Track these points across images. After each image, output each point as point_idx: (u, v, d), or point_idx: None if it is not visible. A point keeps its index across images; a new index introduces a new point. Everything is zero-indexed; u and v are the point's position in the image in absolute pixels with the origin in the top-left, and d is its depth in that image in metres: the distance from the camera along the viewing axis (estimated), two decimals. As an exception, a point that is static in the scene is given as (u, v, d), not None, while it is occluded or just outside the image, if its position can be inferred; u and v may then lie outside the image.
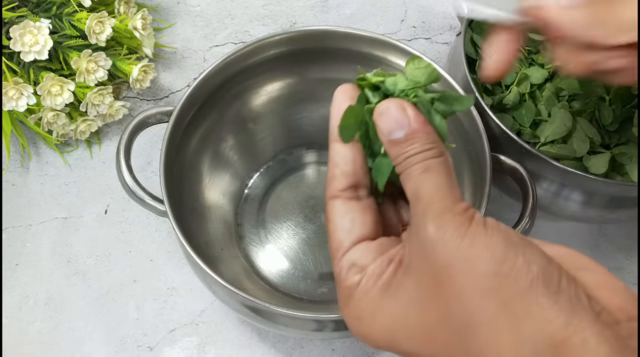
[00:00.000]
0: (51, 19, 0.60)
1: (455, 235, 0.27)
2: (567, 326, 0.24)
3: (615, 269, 0.60)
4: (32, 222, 0.62)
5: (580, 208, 0.54)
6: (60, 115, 0.60)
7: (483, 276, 0.26)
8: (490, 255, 0.26)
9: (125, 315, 0.58)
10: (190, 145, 0.54)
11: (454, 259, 0.26)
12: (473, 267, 0.26)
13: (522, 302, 0.25)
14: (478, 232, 0.27)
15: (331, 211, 0.32)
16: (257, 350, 0.57)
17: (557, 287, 0.25)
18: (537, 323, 0.24)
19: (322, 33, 0.55)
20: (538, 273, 0.25)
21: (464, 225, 0.27)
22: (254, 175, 0.62)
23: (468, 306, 0.26)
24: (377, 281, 0.29)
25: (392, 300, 0.29)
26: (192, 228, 0.50)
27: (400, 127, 0.30)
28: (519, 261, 0.26)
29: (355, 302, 0.30)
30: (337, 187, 0.31)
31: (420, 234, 0.28)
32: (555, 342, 0.24)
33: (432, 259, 0.27)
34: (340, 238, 0.31)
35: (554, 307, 0.24)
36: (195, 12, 0.73)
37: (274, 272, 0.58)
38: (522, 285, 0.25)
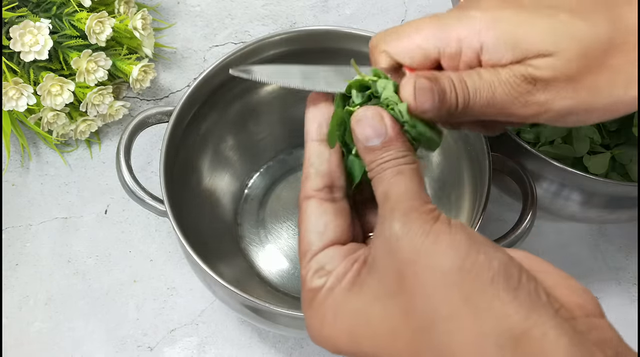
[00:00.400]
0: (51, 19, 0.60)
1: (420, 232, 0.27)
2: (526, 320, 0.25)
3: (615, 269, 0.60)
4: (32, 222, 0.62)
5: (580, 208, 0.54)
6: (60, 115, 0.60)
7: (446, 271, 0.26)
8: (454, 251, 0.26)
9: (125, 315, 0.58)
10: (190, 145, 0.54)
11: (418, 254, 0.27)
12: (437, 262, 0.26)
13: (483, 296, 0.25)
14: (442, 230, 0.27)
15: (305, 211, 0.32)
16: (257, 350, 0.57)
17: (517, 283, 0.26)
18: (498, 317, 0.25)
19: (322, 33, 0.55)
20: (499, 269, 0.26)
21: (429, 223, 0.28)
22: (254, 175, 0.62)
23: (431, 300, 0.26)
24: (341, 281, 0.29)
25: (356, 299, 0.29)
26: (192, 228, 0.50)
27: (377, 135, 0.30)
28: (481, 257, 0.26)
29: (318, 304, 0.30)
30: (312, 186, 0.32)
31: (386, 232, 0.28)
32: (515, 336, 0.25)
33: (397, 255, 0.27)
34: (311, 240, 0.31)
35: (514, 301, 0.25)
36: (195, 12, 0.73)
37: (274, 272, 0.58)
38: (483, 280, 0.26)
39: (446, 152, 0.57)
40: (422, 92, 0.31)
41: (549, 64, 0.31)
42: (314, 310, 0.30)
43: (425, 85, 0.31)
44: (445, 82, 0.32)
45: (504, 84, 0.32)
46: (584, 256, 0.61)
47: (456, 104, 0.32)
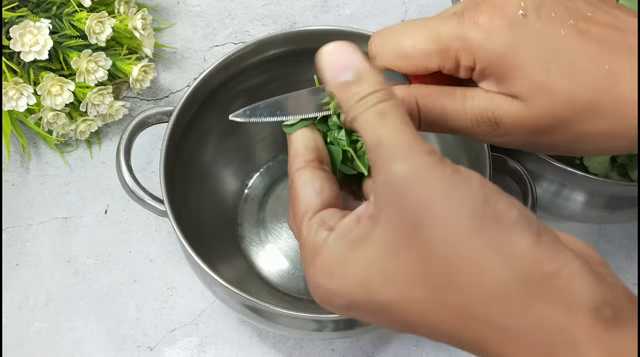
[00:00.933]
0: (51, 19, 0.60)
1: (430, 176, 0.26)
2: (554, 260, 0.25)
3: (615, 269, 0.60)
4: (32, 222, 0.62)
5: (580, 208, 0.54)
6: (60, 115, 0.60)
7: (467, 216, 0.26)
8: (472, 197, 0.26)
9: (125, 315, 0.58)
10: (190, 145, 0.54)
11: (433, 199, 0.26)
12: (454, 208, 0.26)
13: (508, 240, 0.26)
14: (454, 175, 0.27)
15: (298, 180, 0.31)
16: (257, 350, 0.57)
17: (538, 228, 0.26)
18: (525, 259, 0.25)
19: (322, 33, 0.54)
20: (519, 216, 0.26)
21: (438, 166, 0.27)
22: (254, 175, 0.62)
23: (452, 246, 0.26)
24: (347, 235, 0.28)
25: (366, 250, 0.28)
26: (192, 228, 0.50)
27: (348, 67, 0.29)
28: (500, 203, 0.26)
29: (324, 259, 0.29)
30: (303, 159, 0.32)
31: (393, 179, 0.27)
32: (545, 275, 0.25)
33: (408, 202, 0.26)
34: (309, 201, 0.30)
35: (540, 245, 0.26)
36: (195, 12, 0.73)
37: (274, 272, 0.58)
38: (506, 225, 0.26)
39: (446, 152, 0.57)
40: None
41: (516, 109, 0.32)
42: (318, 267, 0.29)
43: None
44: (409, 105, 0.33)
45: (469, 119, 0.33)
46: (584, 256, 0.61)
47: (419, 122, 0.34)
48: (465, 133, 0.34)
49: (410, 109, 0.33)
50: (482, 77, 0.33)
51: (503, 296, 0.25)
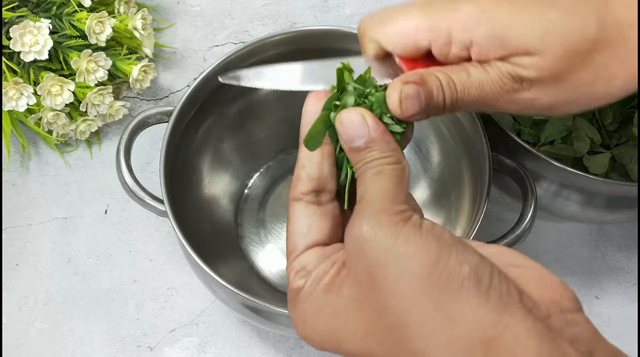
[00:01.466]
0: (51, 19, 0.60)
1: (389, 234, 0.27)
2: (498, 323, 0.25)
3: (615, 269, 0.60)
4: (32, 222, 0.62)
5: (580, 208, 0.54)
6: (60, 115, 0.60)
7: (416, 276, 0.26)
8: (424, 256, 0.26)
9: (125, 315, 0.58)
10: (190, 145, 0.54)
11: (387, 257, 0.27)
12: (407, 266, 0.26)
13: (454, 302, 0.25)
14: (412, 233, 0.27)
15: (292, 212, 0.32)
16: (257, 350, 0.57)
17: (489, 285, 0.26)
18: (468, 322, 0.25)
19: (322, 33, 0.55)
20: (469, 273, 0.26)
21: (398, 225, 0.27)
22: (254, 175, 0.62)
23: (402, 304, 0.26)
24: (320, 282, 0.30)
25: (334, 300, 0.29)
26: (192, 228, 0.50)
27: (360, 136, 0.31)
28: (451, 261, 0.26)
29: (300, 305, 0.30)
30: (300, 189, 0.32)
31: (355, 232, 0.28)
32: (486, 340, 0.25)
33: (366, 256, 0.27)
34: (296, 241, 0.31)
35: (485, 305, 0.25)
36: (195, 12, 0.73)
37: (274, 272, 0.58)
38: (454, 285, 0.26)
39: (446, 152, 0.57)
40: (408, 100, 0.32)
41: (534, 63, 0.32)
42: (296, 311, 0.31)
43: (412, 93, 0.32)
44: (433, 84, 0.32)
45: (492, 82, 0.33)
46: (584, 256, 0.61)
47: (443, 104, 0.33)
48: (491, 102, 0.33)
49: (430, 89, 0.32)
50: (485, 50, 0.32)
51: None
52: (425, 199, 0.59)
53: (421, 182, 0.60)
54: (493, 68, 0.33)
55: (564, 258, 0.60)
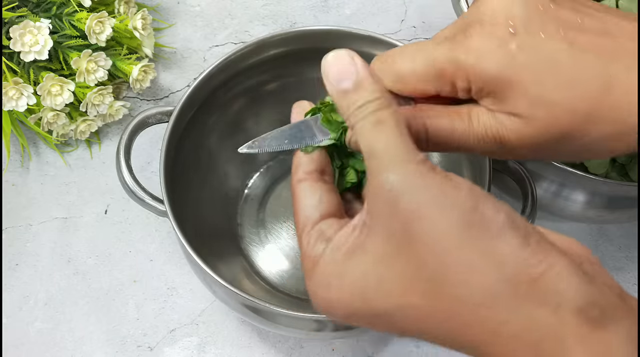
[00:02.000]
0: (51, 19, 0.60)
1: (420, 184, 0.27)
2: (540, 262, 0.26)
3: (615, 269, 0.60)
4: (32, 222, 0.62)
5: (580, 208, 0.54)
6: (60, 115, 0.60)
7: (455, 223, 0.27)
8: (460, 204, 0.27)
9: (125, 315, 0.58)
10: (190, 145, 0.54)
11: (423, 207, 0.27)
12: (445, 216, 0.27)
13: (496, 246, 0.26)
14: (444, 182, 0.27)
15: (299, 193, 0.32)
16: (257, 350, 0.57)
17: (525, 231, 0.27)
18: (512, 262, 0.26)
19: (322, 33, 0.55)
20: (506, 219, 0.27)
21: (428, 174, 0.27)
22: (254, 175, 0.62)
23: (443, 254, 0.27)
24: (343, 246, 0.29)
25: (361, 260, 0.29)
26: (192, 228, 0.50)
27: (349, 76, 0.30)
28: (488, 208, 0.27)
29: (322, 269, 0.30)
30: (304, 170, 0.32)
31: (384, 188, 0.28)
32: (532, 277, 0.26)
33: (399, 211, 0.27)
34: (308, 213, 0.31)
35: (526, 248, 0.26)
36: (195, 12, 0.73)
37: (274, 272, 0.58)
38: (494, 230, 0.26)
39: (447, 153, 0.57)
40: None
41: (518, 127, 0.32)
42: (317, 277, 0.30)
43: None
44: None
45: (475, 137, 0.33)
46: (584, 256, 0.61)
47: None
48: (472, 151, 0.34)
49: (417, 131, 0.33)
50: (481, 96, 0.33)
51: (492, 300, 0.26)
52: (425, 199, 0.59)
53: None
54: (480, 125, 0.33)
55: (564, 258, 0.60)
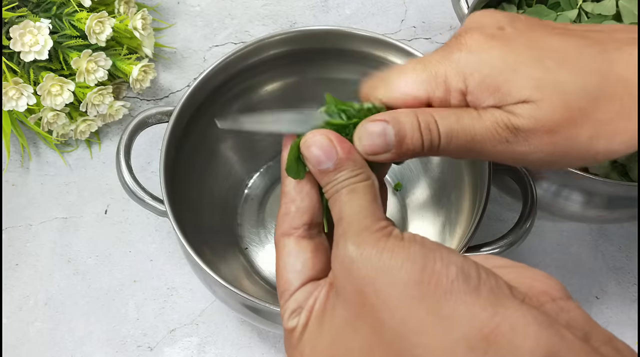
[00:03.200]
0: (51, 19, 0.60)
1: (374, 251, 0.27)
2: (493, 316, 0.25)
3: (615, 269, 0.60)
4: (32, 222, 0.62)
5: (580, 208, 0.54)
6: (60, 115, 0.60)
7: (406, 285, 0.26)
8: (411, 264, 0.26)
9: (125, 315, 0.58)
10: (190, 145, 0.54)
11: (376, 273, 0.27)
12: (396, 278, 0.26)
13: (447, 303, 0.25)
14: (396, 245, 0.27)
15: (282, 249, 0.32)
16: (257, 350, 0.57)
17: (477, 281, 0.26)
18: (465, 320, 0.25)
19: (322, 33, 0.55)
20: (457, 273, 0.26)
21: (382, 240, 0.28)
22: (254, 175, 0.62)
23: (397, 316, 0.26)
24: (312, 313, 0.29)
25: (329, 326, 0.29)
26: (192, 228, 0.50)
27: (329, 158, 0.31)
28: (437, 264, 0.26)
29: (296, 343, 0.30)
30: (291, 224, 0.32)
31: (340, 254, 0.28)
32: (485, 334, 0.25)
33: (355, 276, 0.27)
34: (289, 279, 0.31)
35: (478, 301, 0.25)
36: (195, 12, 0.73)
37: (274, 272, 0.58)
38: (444, 287, 0.26)
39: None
40: (369, 137, 0.31)
41: (530, 112, 0.31)
42: (293, 349, 0.30)
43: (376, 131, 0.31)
44: (407, 124, 0.32)
45: (485, 129, 0.32)
46: (584, 256, 0.61)
47: (422, 146, 0.32)
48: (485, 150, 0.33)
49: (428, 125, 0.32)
50: (479, 96, 0.32)
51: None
52: (425, 199, 0.59)
53: (421, 182, 0.60)
54: (487, 114, 0.32)
55: (563, 258, 0.60)
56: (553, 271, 0.60)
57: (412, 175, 0.60)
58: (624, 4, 0.57)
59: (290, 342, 0.30)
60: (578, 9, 0.59)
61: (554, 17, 0.58)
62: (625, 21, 0.57)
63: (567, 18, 0.58)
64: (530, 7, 0.60)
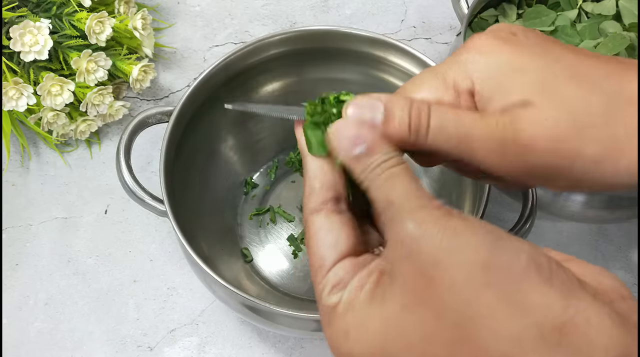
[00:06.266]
0: (51, 19, 0.60)
1: (437, 228, 0.26)
2: (567, 308, 0.24)
3: (615, 269, 0.60)
4: (32, 222, 0.62)
5: (580, 208, 0.54)
6: (60, 115, 0.60)
7: (474, 266, 0.25)
8: (478, 244, 0.26)
9: (125, 315, 0.58)
10: (190, 145, 0.54)
11: (440, 251, 0.26)
12: (462, 258, 0.26)
13: (519, 290, 0.25)
14: (461, 224, 0.26)
15: (313, 225, 0.31)
16: (257, 350, 0.57)
17: (549, 272, 0.25)
18: (538, 309, 0.24)
19: (322, 33, 0.55)
20: (528, 261, 0.25)
21: (443, 218, 0.27)
22: (254, 175, 0.62)
23: (464, 298, 0.25)
24: (359, 293, 0.28)
25: (380, 310, 0.28)
26: (192, 228, 0.50)
27: (362, 142, 0.30)
28: (508, 249, 0.26)
29: (339, 318, 0.28)
30: (318, 200, 0.31)
31: (400, 236, 0.27)
32: (559, 324, 0.24)
33: (417, 257, 0.26)
34: (324, 254, 0.30)
35: (551, 291, 0.25)
36: (195, 12, 0.73)
37: (274, 272, 0.58)
38: (515, 273, 0.25)
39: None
40: (357, 107, 0.31)
41: (532, 116, 0.30)
42: (334, 328, 0.29)
43: (363, 103, 0.31)
44: (397, 105, 0.31)
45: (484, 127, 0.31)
46: (584, 256, 0.61)
47: (408, 129, 0.31)
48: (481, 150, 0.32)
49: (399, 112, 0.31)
50: (485, 96, 0.32)
51: (520, 349, 0.24)
52: (425, 199, 0.59)
53: (421, 182, 0.60)
54: (489, 118, 0.31)
55: (564, 258, 0.60)
56: (553, 271, 0.60)
57: (412, 175, 0.60)
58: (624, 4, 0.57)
59: (330, 321, 0.29)
60: (578, 9, 0.59)
61: (554, 17, 0.58)
62: (625, 21, 0.57)
63: (567, 18, 0.58)
64: (530, 7, 0.60)
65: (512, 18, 0.60)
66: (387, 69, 0.55)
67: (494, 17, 0.61)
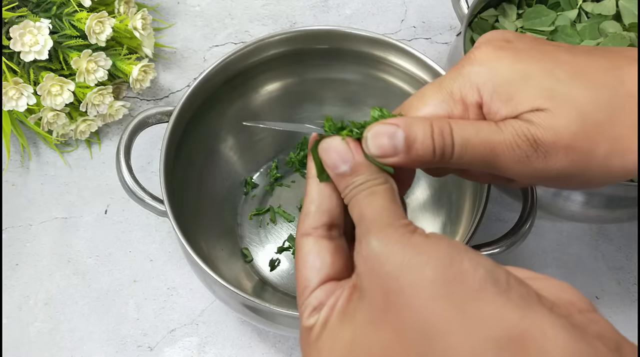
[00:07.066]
0: (51, 19, 0.60)
1: (398, 246, 0.27)
2: (523, 320, 0.24)
3: (615, 269, 0.60)
4: (32, 222, 0.62)
5: (580, 208, 0.54)
6: (60, 115, 0.60)
7: (432, 282, 0.26)
8: (436, 261, 0.26)
9: (125, 315, 0.58)
10: (190, 145, 0.54)
11: (400, 269, 0.26)
12: (421, 274, 0.26)
13: (474, 303, 0.25)
14: (421, 241, 0.27)
15: (302, 248, 0.31)
16: (257, 350, 0.57)
17: (507, 285, 0.25)
18: (493, 321, 0.25)
19: (322, 33, 0.55)
20: (485, 275, 0.26)
21: (405, 236, 0.27)
22: (254, 175, 0.62)
23: (422, 315, 0.25)
24: (333, 312, 0.29)
25: (349, 327, 0.28)
26: (192, 228, 0.50)
27: (345, 161, 0.31)
28: (465, 264, 0.26)
29: (315, 338, 0.29)
30: (310, 224, 0.31)
31: (364, 251, 0.28)
32: (514, 337, 0.24)
33: (379, 272, 0.27)
34: (308, 276, 0.31)
35: (507, 303, 0.25)
36: (195, 12, 0.73)
37: (274, 272, 0.58)
38: (472, 287, 0.25)
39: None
40: (377, 137, 0.31)
41: (547, 121, 0.31)
42: (310, 347, 0.30)
43: (383, 131, 0.31)
44: (419, 130, 0.31)
45: (506, 143, 0.32)
46: (584, 256, 0.61)
47: (432, 153, 0.32)
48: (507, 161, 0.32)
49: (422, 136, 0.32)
50: (493, 106, 0.32)
51: None
52: (425, 199, 0.59)
53: (421, 182, 0.60)
54: (507, 127, 0.32)
55: (564, 258, 0.60)
56: (553, 271, 0.60)
57: (412, 175, 0.60)
58: (624, 4, 0.57)
59: (307, 341, 0.30)
60: (578, 9, 0.59)
61: (554, 17, 0.58)
62: (625, 21, 0.57)
63: (567, 18, 0.58)
64: (530, 7, 0.60)
65: (512, 18, 0.60)
66: (387, 69, 0.55)
67: (494, 17, 0.61)
